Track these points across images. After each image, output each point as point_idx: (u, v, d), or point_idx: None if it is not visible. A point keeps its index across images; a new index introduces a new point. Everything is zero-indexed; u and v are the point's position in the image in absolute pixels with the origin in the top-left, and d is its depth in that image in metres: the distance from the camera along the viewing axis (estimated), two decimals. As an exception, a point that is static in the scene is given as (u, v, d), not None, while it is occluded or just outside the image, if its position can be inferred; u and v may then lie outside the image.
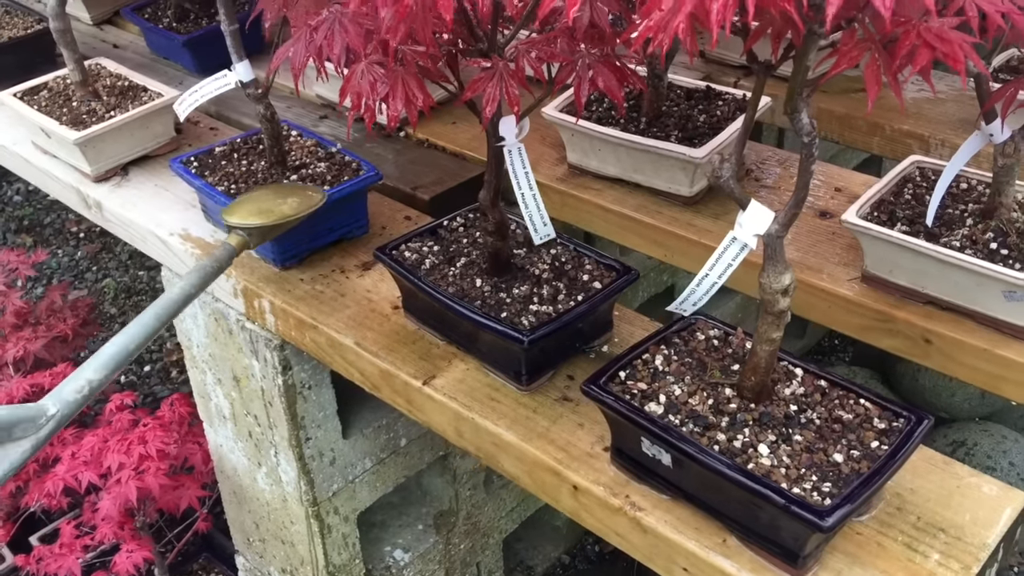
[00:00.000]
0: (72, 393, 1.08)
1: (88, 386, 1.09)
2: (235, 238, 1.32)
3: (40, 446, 1.04)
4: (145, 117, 1.78)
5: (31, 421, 1.03)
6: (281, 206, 1.35)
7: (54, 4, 1.74)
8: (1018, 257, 1.28)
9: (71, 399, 1.08)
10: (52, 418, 1.05)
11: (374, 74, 0.98)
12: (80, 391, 1.09)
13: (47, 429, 1.04)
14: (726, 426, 1.06)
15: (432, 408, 1.30)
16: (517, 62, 1.02)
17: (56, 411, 1.06)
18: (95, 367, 1.11)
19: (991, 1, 0.81)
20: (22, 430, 1.02)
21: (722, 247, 1.05)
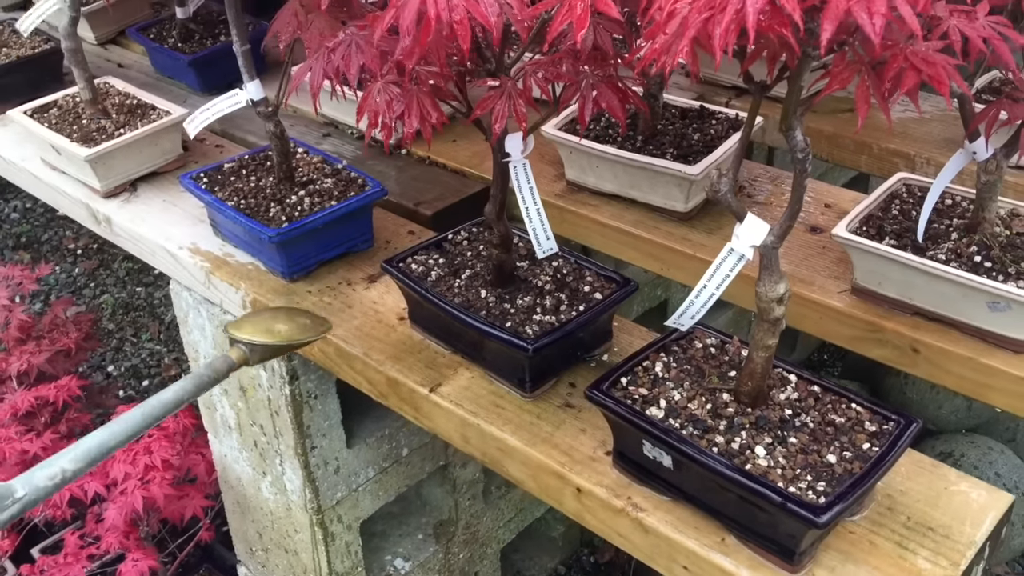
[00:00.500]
0: (44, 479, 1.06)
1: (61, 475, 1.07)
2: (236, 352, 1.31)
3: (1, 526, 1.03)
4: (154, 134, 1.83)
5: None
6: (287, 329, 1.33)
7: (66, 24, 1.79)
8: (1001, 269, 1.34)
9: (41, 485, 1.05)
10: (18, 501, 1.03)
11: (390, 93, 1.03)
12: (52, 479, 1.06)
13: (10, 512, 1.03)
14: (724, 429, 1.11)
15: (438, 415, 1.35)
16: (525, 82, 1.07)
17: (23, 495, 1.04)
18: (72, 458, 1.09)
19: (973, 26, 0.87)
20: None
21: (720, 258, 1.10)
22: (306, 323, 1.36)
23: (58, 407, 2.19)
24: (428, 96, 1.05)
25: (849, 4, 0.74)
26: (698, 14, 0.79)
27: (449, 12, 0.87)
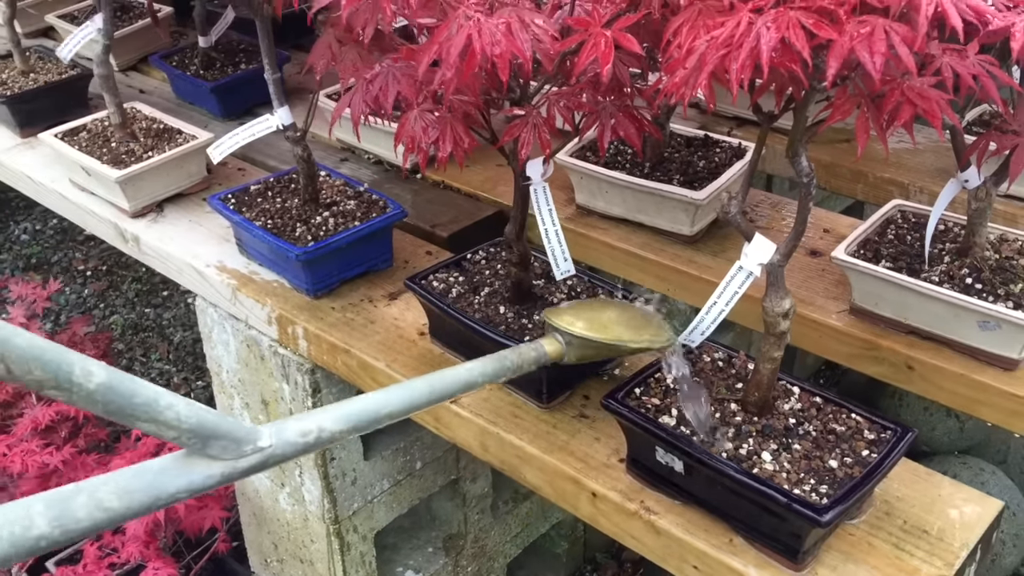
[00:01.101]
0: (295, 434, 0.89)
1: (317, 433, 0.90)
2: (552, 344, 1.16)
3: (230, 479, 0.85)
4: (181, 158, 1.91)
5: (235, 443, 0.83)
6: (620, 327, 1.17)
7: (99, 52, 1.87)
8: (991, 291, 1.42)
9: (292, 440, 0.88)
10: (261, 451, 0.85)
11: (426, 120, 1.12)
12: (305, 435, 0.89)
13: (249, 461, 0.85)
14: (732, 436, 1.18)
15: (458, 424, 1.42)
16: (549, 111, 1.16)
17: (269, 445, 0.86)
18: (335, 417, 0.92)
19: (964, 64, 0.95)
20: (221, 448, 0.82)
21: (729, 276, 1.18)
22: (640, 323, 1.19)
23: (78, 421, 2.25)
24: (460, 123, 1.13)
25: (852, 43, 0.83)
26: (715, 51, 0.87)
27: (492, 46, 0.95)
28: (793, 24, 0.83)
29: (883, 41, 0.83)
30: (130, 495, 0.77)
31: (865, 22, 0.84)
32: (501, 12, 1.00)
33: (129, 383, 0.75)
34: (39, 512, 0.71)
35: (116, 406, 0.74)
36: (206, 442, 0.81)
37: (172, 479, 0.80)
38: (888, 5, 0.85)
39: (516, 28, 1.00)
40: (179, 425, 0.78)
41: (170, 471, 0.80)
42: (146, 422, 0.77)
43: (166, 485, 0.80)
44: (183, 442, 0.80)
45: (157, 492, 0.79)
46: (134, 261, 3.93)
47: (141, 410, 0.76)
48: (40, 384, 0.69)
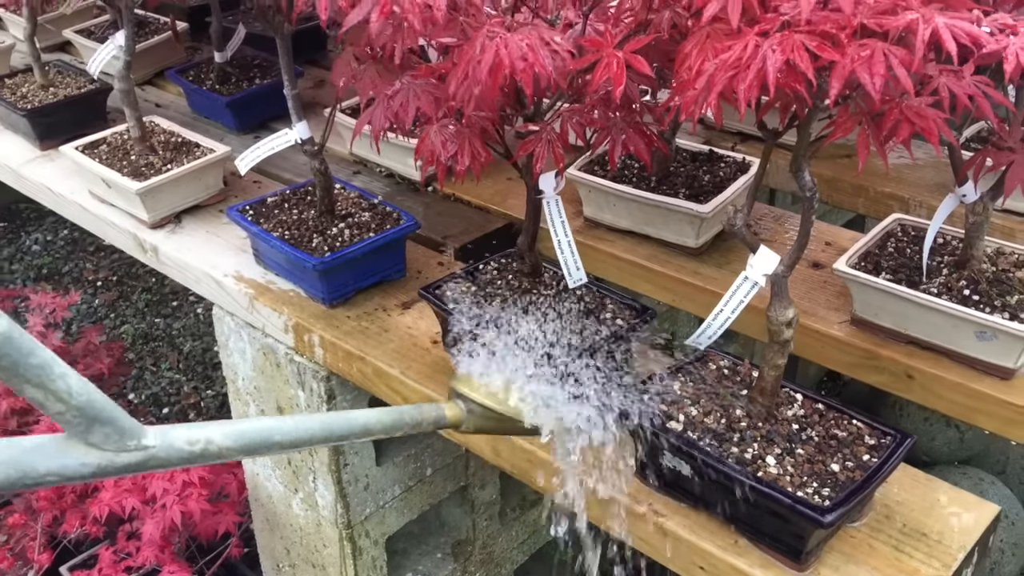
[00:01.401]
0: (182, 441, 0.85)
1: (205, 444, 0.87)
2: (453, 409, 1.16)
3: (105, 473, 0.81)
4: (199, 170, 1.96)
5: (119, 434, 0.80)
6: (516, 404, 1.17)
7: (121, 68, 1.92)
8: (988, 302, 1.46)
9: (178, 446, 0.85)
10: (144, 450, 0.82)
11: (445, 135, 1.16)
12: (192, 444, 0.86)
13: (129, 458, 0.81)
14: (738, 441, 1.22)
15: (472, 430, 1.46)
16: (563, 127, 1.20)
17: (153, 446, 0.83)
18: (225, 432, 0.89)
19: (960, 84, 1.00)
20: (103, 436, 0.79)
21: (735, 285, 1.22)
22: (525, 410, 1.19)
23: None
24: (477, 138, 1.18)
25: (854, 65, 0.87)
26: (724, 72, 0.92)
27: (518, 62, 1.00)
28: (797, 47, 0.88)
29: (882, 63, 0.88)
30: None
31: (865, 45, 0.89)
32: (522, 31, 1.05)
33: (29, 341, 0.72)
34: None
35: (10, 360, 0.70)
36: (90, 426, 0.77)
37: (44, 459, 0.76)
38: (887, 29, 0.90)
39: (537, 46, 1.04)
40: (68, 399, 0.74)
41: (45, 450, 0.76)
42: (35, 387, 0.72)
43: (36, 464, 0.76)
44: (67, 420, 0.76)
45: (26, 469, 0.75)
46: (144, 272, 4.00)
47: (34, 372, 0.72)
48: None
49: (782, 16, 0.92)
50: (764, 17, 0.94)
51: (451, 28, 1.14)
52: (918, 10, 0.91)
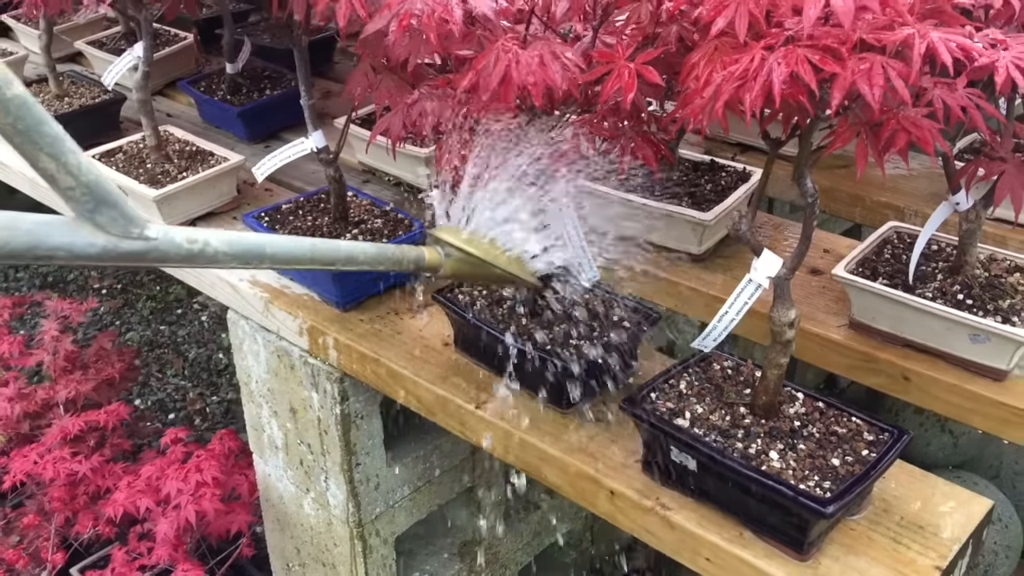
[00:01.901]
0: (183, 238, 0.88)
1: (203, 245, 0.90)
2: (432, 253, 1.22)
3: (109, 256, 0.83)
4: (214, 178, 2.01)
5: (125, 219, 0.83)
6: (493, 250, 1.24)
7: (139, 78, 1.98)
8: (981, 306, 1.52)
9: (178, 241, 0.88)
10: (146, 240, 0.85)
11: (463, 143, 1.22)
12: (192, 243, 0.89)
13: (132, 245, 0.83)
14: (742, 437, 1.28)
15: (483, 428, 1.51)
16: (574, 138, 1.26)
17: (155, 238, 0.86)
18: (222, 239, 0.93)
19: (953, 97, 1.06)
20: (109, 219, 0.82)
21: (739, 288, 1.28)
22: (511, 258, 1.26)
23: (107, 430, 2.34)
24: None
25: (854, 77, 0.93)
26: (731, 83, 0.98)
27: (528, 76, 1.06)
28: (801, 60, 0.94)
29: (881, 75, 0.94)
30: (12, 232, 0.76)
31: (865, 59, 0.95)
32: (535, 45, 1.11)
33: (43, 111, 0.75)
34: None
35: (24, 125, 0.73)
36: (97, 206, 0.80)
37: (56, 234, 0.79)
38: (885, 44, 0.96)
39: (548, 60, 1.10)
40: (78, 174, 0.77)
41: (56, 226, 0.80)
42: (49, 156, 0.76)
43: (49, 237, 0.79)
44: (76, 197, 0.79)
45: (39, 240, 0.78)
46: (148, 280, 4.05)
47: (47, 141, 0.75)
48: None
49: (786, 31, 0.97)
50: (769, 32, 0.99)
51: (468, 41, 1.20)
52: (914, 26, 0.96)
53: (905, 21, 0.97)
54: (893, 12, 0.98)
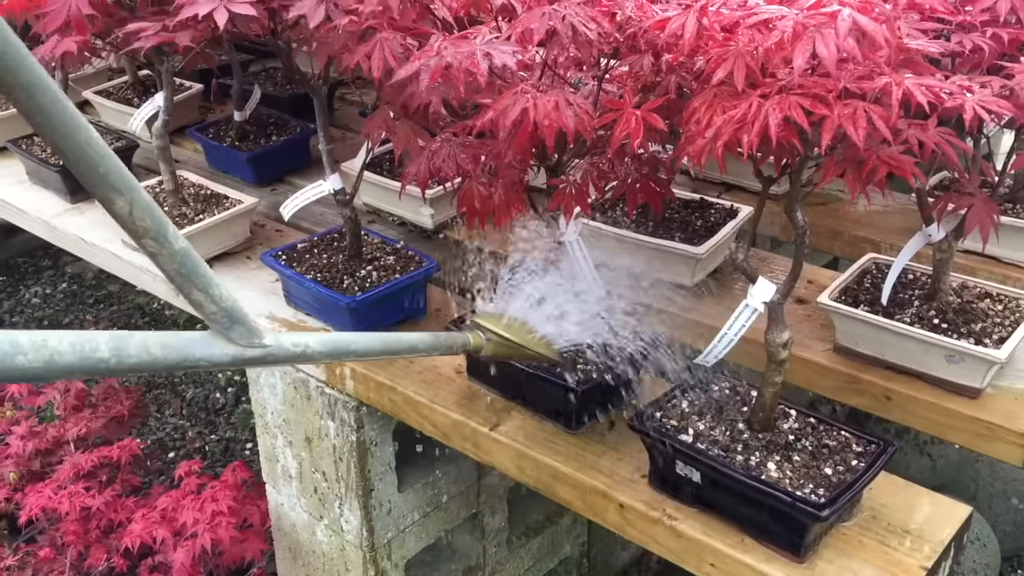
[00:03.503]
0: (290, 343, 1.06)
1: (305, 348, 1.08)
2: (476, 338, 1.42)
3: (237, 363, 1.00)
4: (229, 220, 2.12)
5: (250, 333, 1.00)
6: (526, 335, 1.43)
7: (159, 125, 2.09)
8: (955, 329, 1.64)
9: (286, 346, 1.05)
10: (264, 348, 1.02)
11: (483, 189, 1.33)
12: (296, 346, 1.07)
13: (255, 352, 1.00)
14: (742, 450, 1.38)
15: (497, 450, 1.61)
16: (583, 179, 1.38)
17: (270, 346, 1.02)
18: (320, 340, 1.11)
19: (926, 136, 1.18)
20: (239, 334, 0.99)
21: (737, 312, 1.39)
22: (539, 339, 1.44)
23: (120, 465, 2.41)
24: (511, 189, 1.35)
25: (841, 120, 1.06)
26: (730, 126, 1.10)
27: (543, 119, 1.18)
28: (794, 105, 1.06)
29: (864, 117, 1.06)
30: (167, 348, 0.93)
31: (849, 104, 1.07)
32: (550, 92, 1.23)
33: (197, 257, 0.95)
34: (104, 341, 0.88)
35: (187, 270, 0.93)
36: (232, 325, 0.98)
37: (199, 347, 0.97)
38: (866, 91, 1.08)
39: (563, 105, 1.22)
40: (220, 302, 0.96)
41: (198, 342, 0.97)
42: (200, 291, 0.95)
43: (194, 350, 0.96)
44: (217, 319, 0.97)
45: (187, 353, 0.95)
46: (144, 323, 4.12)
47: (201, 279, 0.94)
48: (146, 231, 0.90)
49: (779, 81, 1.10)
50: (764, 82, 1.12)
51: (489, 90, 1.32)
52: (890, 75, 1.09)
53: (883, 71, 1.10)
54: (872, 63, 1.11)
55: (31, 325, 4.10)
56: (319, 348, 1.11)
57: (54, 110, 0.79)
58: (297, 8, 1.47)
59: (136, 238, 0.90)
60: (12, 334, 0.81)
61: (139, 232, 0.90)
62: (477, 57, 1.22)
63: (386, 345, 1.25)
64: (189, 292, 0.95)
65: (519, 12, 1.36)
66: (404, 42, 1.38)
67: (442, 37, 1.29)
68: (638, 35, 1.29)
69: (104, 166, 0.85)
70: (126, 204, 0.87)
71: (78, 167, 0.85)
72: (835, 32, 1.04)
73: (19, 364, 0.80)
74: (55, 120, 0.80)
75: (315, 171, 2.58)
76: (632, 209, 1.40)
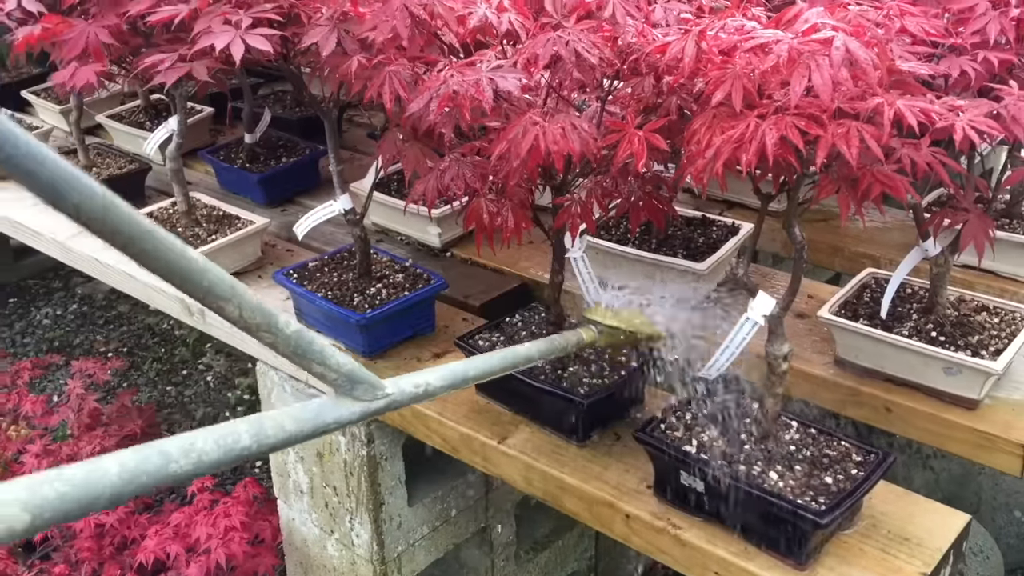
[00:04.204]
0: (410, 386, 1.12)
1: (426, 387, 1.14)
2: (588, 332, 1.50)
3: (366, 417, 1.05)
4: (241, 240, 2.16)
5: (372, 387, 1.05)
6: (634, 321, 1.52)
7: (172, 149, 2.14)
8: (953, 342, 1.68)
9: (408, 390, 1.11)
10: (387, 396, 1.07)
11: (491, 206, 1.38)
12: (417, 387, 1.13)
13: (379, 403, 1.06)
14: (744, 460, 1.42)
15: (505, 462, 1.65)
16: (588, 198, 1.42)
17: (392, 393, 1.08)
18: (438, 375, 1.16)
19: (919, 155, 1.23)
20: (362, 391, 1.04)
21: (738, 325, 1.43)
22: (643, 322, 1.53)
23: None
24: (518, 208, 1.39)
25: (834, 139, 1.10)
26: (729, 145, 1.14)
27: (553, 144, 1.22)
28: (789, 126, 1.11)
29: (857, 137, 1.11)
30: (301, 422, 0.98)
31: (843, 124, 1.12)
32: (556, 118, 1.28)
33: (310, 334, 1.00)
34: (244, 431, 0.92)
35: (302, 349, 0.98)
36: (353, 385, 1.03)
37: (329, 412, 1.02)
38: (859, 111, 1.13)
39: (569, 131, 1.27)
40: (339, 368, 1.02)
41: (327, 407, 1.02)
42: (319, 364, 1.00)
43: (325, 416, 1.00)
44: (339, 384, 1.03)
45: (319, 420, 0.99)
46: (154, 343, 4.17)
47: (317, 354, 0.99)
48: (258, 327, 0.95)
49: (775, 102, 1.15)
50: (761, 103, 1.16)
51: (495, 114, 1.36)
52: (883, 96, 1.14)
53: (875, 92, 1.14)
54: (865, 84, 1.16)
55: (42, 346, 4.15)
56: (439, 384, 1.16)
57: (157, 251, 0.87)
58: (310, 37, 1.52)
59: (250, 332, 0.95)
60: (161, 444, 0.86)
61: (252, 328, 0.95)
62: (482, 84, 1.27)
63: (504, 362, 1.29)
64: (309, 367, 1.00)
65: (523, 38, 1.41)
66: (413, 70, 1.43)
67: (449, 64, 1.34)
68: (639, 59, 1.34)
69: (207, 280, 0.91)
70: (235, 308, 0.92)
71: (185, 287, 0.90)
72: (829, 61, 1.08)
73: (172, 471, 0.85)
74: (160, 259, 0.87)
75: (324, 192, 2.64)
76: (635, 226, 1.44)
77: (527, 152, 1.23)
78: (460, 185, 1.40)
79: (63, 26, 1.85)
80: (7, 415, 2.87)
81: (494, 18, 1.42)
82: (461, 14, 1.44)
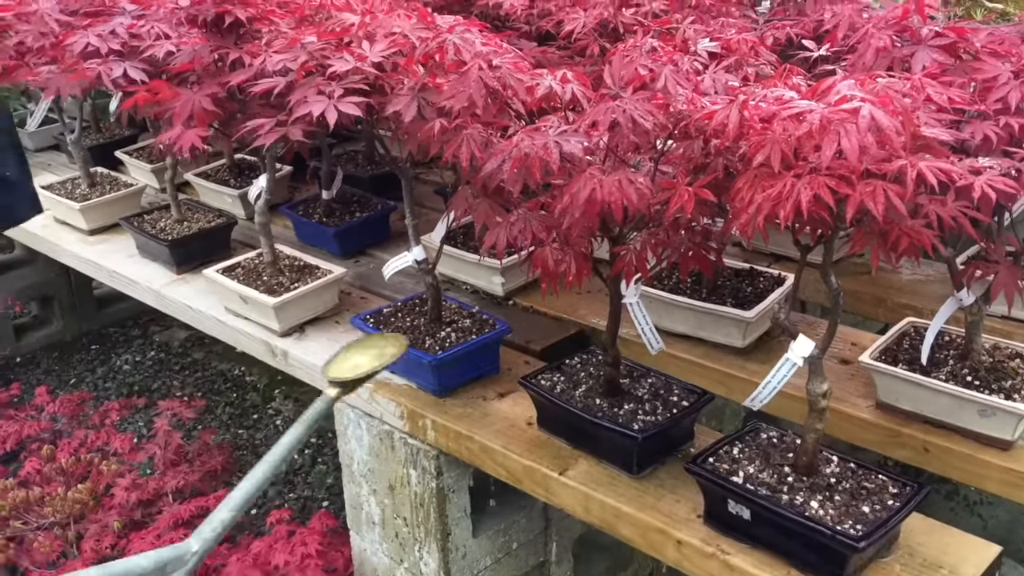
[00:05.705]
0: (209, 532, 1.40)
1: (221, 525, 1.42)
2: (334, 390, 1.61)
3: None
4: (322, 288, 2.35)
5: (179, 559, 1.36)
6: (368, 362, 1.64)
7: (261, 204, 2.34)
8: (987, 386, 1.78)
9: (209, 537, 1.40)
10: (195, 554, 1.37)
11: (555, 254, 1.54)
12: (215, 530, 1.41)
13: (192, 563, 1.37)
14: (787, 490, 1.54)
15: (565, 493, 1.78)
16: (642, 248, 1.57)
17: (198, 548, 1.38)
18: (228, 508, 1.43)
19: (944, 210, 1.36)
20: (173, 566, 1.35)
21: (779, 364, 1.57)
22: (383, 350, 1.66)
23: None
24: (580, 256, 1.55)
25: (862, 197, 1.24)
26: (769, 202, 1.29)
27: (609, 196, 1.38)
28: (822, 185, 1.25)
29: (883, 195, 1.25)
30: None
31: (870, 183, 1.26)
32: (614, 173, 1.44)
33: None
34: None
35: None
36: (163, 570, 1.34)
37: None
38: (884, 172, 1.27)
39: (625, 184, 1.42)
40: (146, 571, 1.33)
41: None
42: None
43: None
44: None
45: None
46: (226, 388, 4.38)
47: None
48: None
49: (810, 164, 1.29)
50: (796, 164, 1.31)
51: (560, 173, 1.53)
52: (907, 158, 1.28)
53: (899, 155, 1.29)
54: (891, 148, 1.30)
55: (123, 390, 4.38)
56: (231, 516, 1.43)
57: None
58: (394, 104, 1.71)
59: None
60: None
61: None
62: (550, 147, 1.43)
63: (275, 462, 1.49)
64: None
65: (585, 105, 1.57)
66: (486, 133, 1.60)
67: (519, 128, 1.51)
68: (689, 124, 1.50)
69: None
70: None
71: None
72: (856, 128, 1.23)
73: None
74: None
75: (393, 244, 2.82)
76: (685, 274, 1.58)
77: (584, 202, 1.39)
78: (528, 236, 1.56)
79: (170, 93, 2.05)
80: (96, 452, 3.07)
81: (559, 88, 1.59)
82: (530, 84, 1.62)
